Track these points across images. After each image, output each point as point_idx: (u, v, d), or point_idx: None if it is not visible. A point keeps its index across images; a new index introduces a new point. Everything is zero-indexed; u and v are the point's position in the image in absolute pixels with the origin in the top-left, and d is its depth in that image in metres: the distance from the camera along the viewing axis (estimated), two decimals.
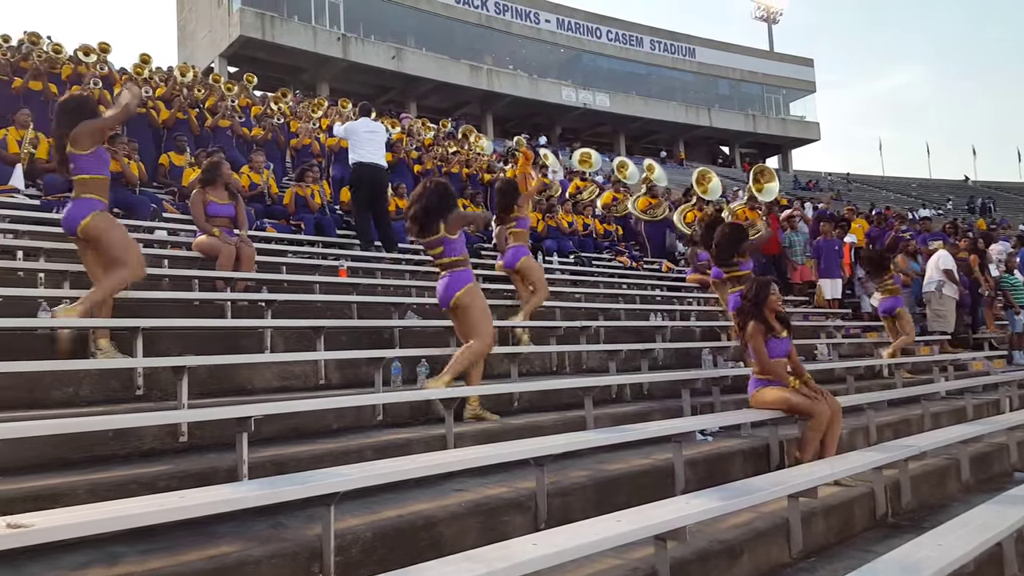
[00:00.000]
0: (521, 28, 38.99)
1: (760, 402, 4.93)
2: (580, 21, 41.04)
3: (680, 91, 44.06)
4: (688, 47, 44.88)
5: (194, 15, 35.12)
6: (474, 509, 3.29)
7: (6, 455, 3.27)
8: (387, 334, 6.04)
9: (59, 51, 11.43)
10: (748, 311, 4.98)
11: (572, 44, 40.80)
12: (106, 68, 11.41)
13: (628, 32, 42.67)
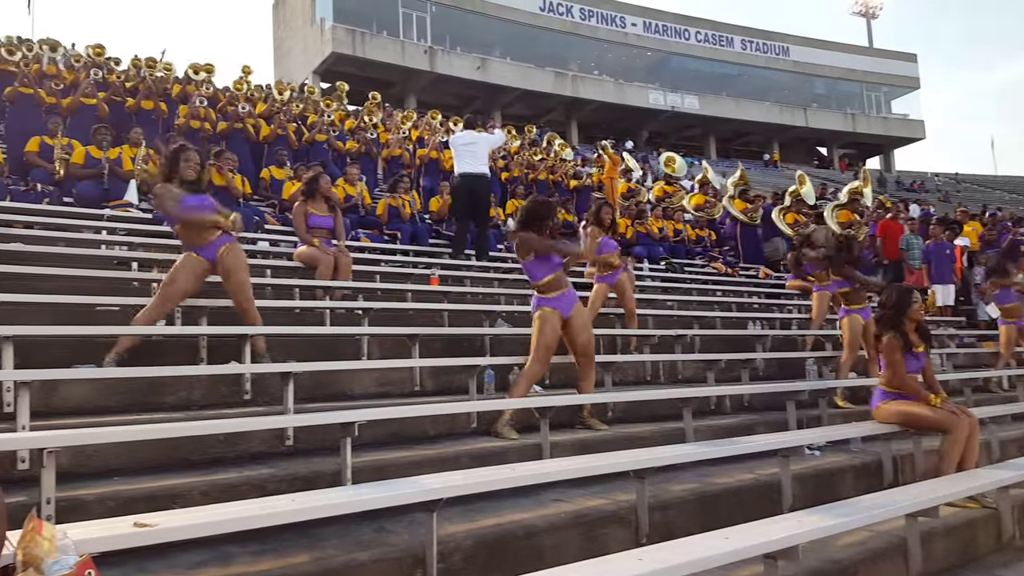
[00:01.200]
0: (607, 33, 38.73)
1: (885, 415, 4.61)
2: (667, 23, 40.44)
3: (774, 91, 42.70)
4: (782, 46, 43.48)
5: (289, 33, 36.62)
6: (574, 520, 3.24)
7: (124, 456, 3.45)
8: (478, 342, 6.08)
9: (169, 69, 12.12)
10: (887, 321, 4.67)
11: (659, 47, 40.23)
12: (211, 88, 12.03)
13: (718, 32, 41.74)
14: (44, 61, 11.30)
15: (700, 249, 12.06)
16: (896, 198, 23.54)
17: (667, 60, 40.59)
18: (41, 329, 4.28)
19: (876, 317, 4.86)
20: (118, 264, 6.68)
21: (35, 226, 7.19)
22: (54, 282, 5.56)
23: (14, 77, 9.90)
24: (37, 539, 1.43)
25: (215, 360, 4.85)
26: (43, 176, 8.36)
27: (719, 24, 42.20)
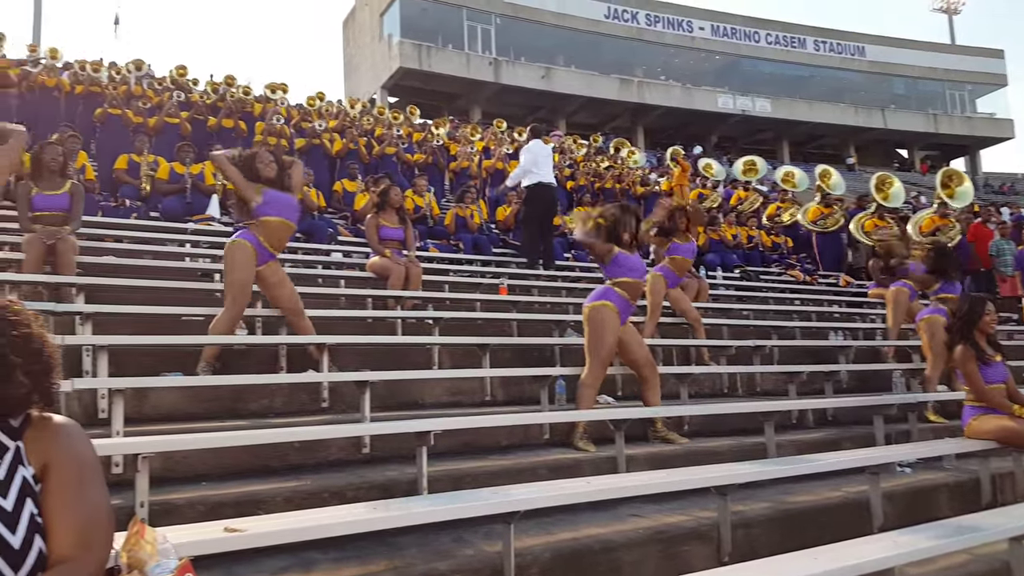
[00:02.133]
0: (673, 38, 38.23)
1: (977, 432, 4.36)
2: (736, 26, 39.64)
3: (849, 92, 41.27)
4: (857, 45, 42.00)
5: (358, 51, 37.51)
6: (653, 536, 3.17)
7: (211, 462, 3.56)
8: (548, 352, 6.05)
9: (248, 92, 12.63)
10: (957, 331, 4.46)
11: (728, 50, 39.47)
12: (287, 105, 12.47)
13: (789, 34, 40.65)
14: (131, 82, 11.88)
15: (776, 256, 11.73)
16: (984, 201, 22.39)
17: (736, 63, 39.77)
18: (132, 338, 4.46)
19: (946, 327, 4.62)
20: (201, 275, 6.93)
21: (124, 240, 7.53)
22: (142, 293, 5.82)
23: (103, 99, 10.44)
24: (141, 542, 1.47)
25: (293, 369, 4.98)
26: (131, 192, 8.75)
27: (790, 25, 41.13)
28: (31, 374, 1.40)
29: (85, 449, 1.48)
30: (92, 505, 1.41)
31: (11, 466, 1.38)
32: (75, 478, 1.42)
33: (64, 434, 1.46)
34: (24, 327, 1.42)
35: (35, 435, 1.43)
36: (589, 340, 4.64)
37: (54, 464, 1.41)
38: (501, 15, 34.43)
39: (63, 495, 1.39)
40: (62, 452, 1.43)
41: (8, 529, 1.30)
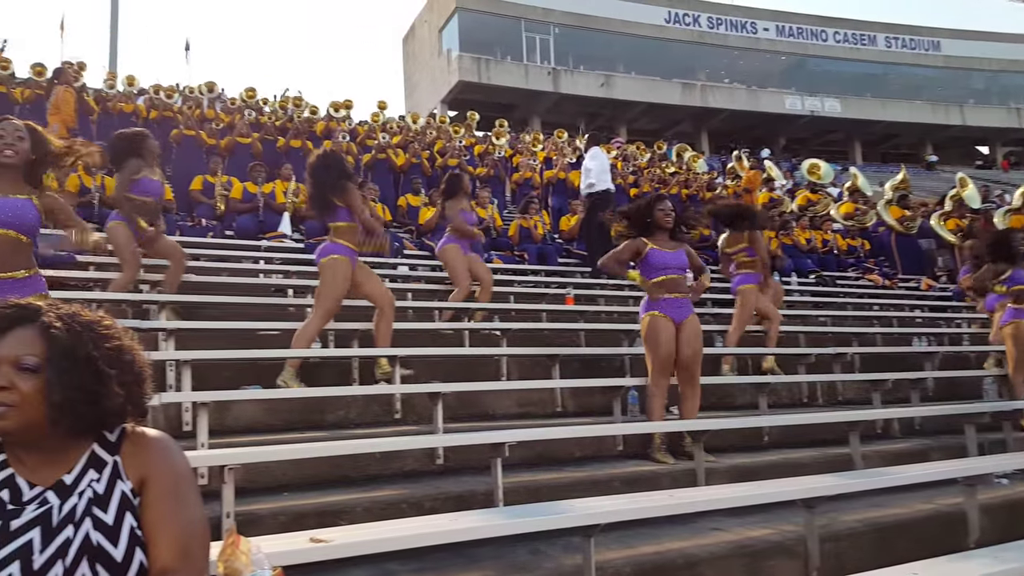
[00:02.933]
0: (737, 40, 37.56)
1: None
2: (802, 25, 38.68)
3: (925, 89, 39.69)
4: (932, 40, 40.39)
5: (418, 67, 38.14)
6: (737, 550, 3.07)
7: (291, 473, 3.63)
8: (617, 362, 5.97)
9: (315, 112, 12.98)
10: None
11: (794, 50, 38.52)
12: (351, 123, 12.76)
13: (858, 31, 39.41)
14: (204, 105, 12.35)
15: (853, 260, 11.32)
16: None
17: (803, 63, 38.76)
18: (215, 353, 4.60)
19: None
20: (275, 291, 7.12)
21: (201, 258, 7.80)
22: (219, 309, 6.00)
23: (176, 122, 10.88)
24: (236, 553, 1.48)
25: (366, 381, 5.05)
26: (206, 211, 9.07)
27: (859, 23, 39.88)
28: (124, 385, 1.42)
29: (181, 462, 1.49)
30: (190, 517, 1.42)
31: (110, 480, 1.40)
32: (173, 491, 1.43)
33: (160, 448, 1.48)
34: (116, 340, 1.44)
35: (132, 449, 1.45)
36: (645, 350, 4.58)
37: (152, 478, 1.43)
38: (559, 24, 34.48)
39: (162, 508, 1.40)
40: (159, 466, 1.44)
41: (110, 542, 1.32)
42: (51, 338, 1.36)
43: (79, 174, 8.14)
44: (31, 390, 1.32)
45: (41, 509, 1.31)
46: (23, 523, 1.29)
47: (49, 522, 1.30)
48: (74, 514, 1.32)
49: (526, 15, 33.99)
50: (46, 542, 1.28)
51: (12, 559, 1.24)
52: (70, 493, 1.35)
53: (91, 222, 7.72)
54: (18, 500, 1.32)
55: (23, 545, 1.26)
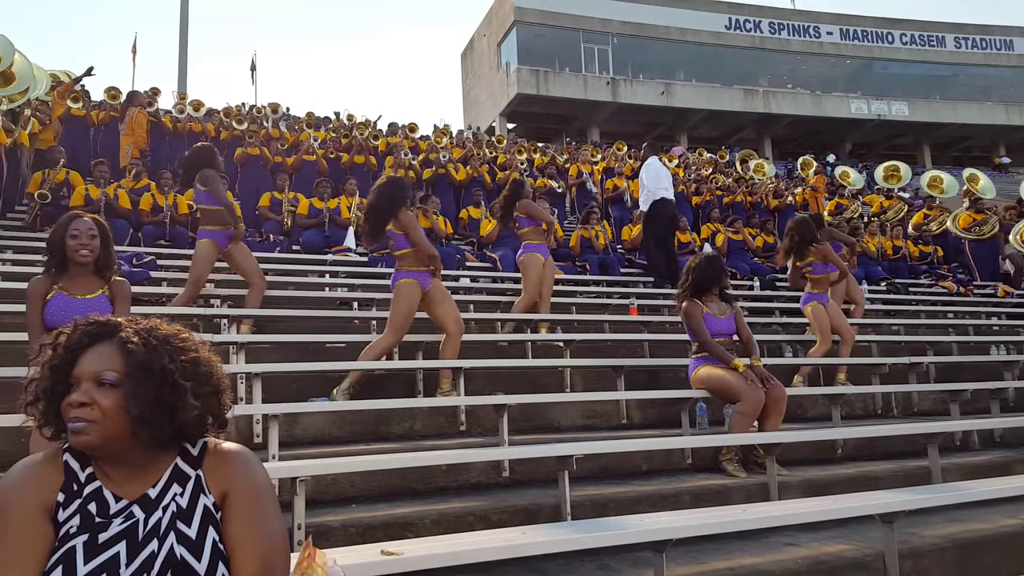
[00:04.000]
0: (800, 44, 36.77)
1: None
2: (868, 28, 37.59)
3: (997, 90, 38.04)
4: (1004, 39, 38.70)
5: (476, 81, 38.55)
6: (813, 567, 2.97)
7: (359, 485, 3.68)
8: (683, 373, 5.85)
9: (377, 137, 13.27)
10: None
11: (859, 53, 37.46)
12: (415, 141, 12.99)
13: (926, 32, 38.08)
14: (268, 124, 12.75)
15: (925, 267, 10.90)
16: None
17: (869, 66, 37.64)
18: (284, 366, 4.72)
19: None
20: (340, 304, 7.25)
21: (269, 272, 8.00)
22: (287, 323, 6.15)
23: (242, 141, 11.25)
24: (313, 566, 1.51)
25: (430, 392, 5.09)
26: (274, 227, 9.34)
27: (927, 24, 38.55)
28: (201, 397, 1.43)
29: (262, 476, 1.50)
30: (272, 531, 1.43)
31: (193, 494, 1.42)
32: (255, 505, 1.44)
33: (241, 462, 1.49)
34: (192, 352, 1.46)
35: (213, 463, 1.47)
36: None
37: (234, 492, 1.44)
38: (618, 35, 34.37)
39: (244, 522, 1.41)
40: (241, 480, 1.45)
41: (194, 557, 1.34)
42: (128, 353, 1.39)
43: (152, 193, 8.51)
44: (111, 405, 1.35)
45: (127, 523, 1.33)
46: (110, 536, 1.31)
47: (135, 536, 1.32)
48: (159, 528, 1.34)
49: (584, 26, 34.00)
50: (132, 556, 1.30)
51: (100, 572, 1.27)
52: (155, 507, 1.37)
53: (162, 240, 8.17)
54: (105, 513, 1.34)
55: (110, 558, 1.28)
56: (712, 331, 4.53)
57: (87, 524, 1.32)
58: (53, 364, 1.40)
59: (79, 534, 1.30)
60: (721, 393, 4.42)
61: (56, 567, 1.26)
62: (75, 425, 1.34)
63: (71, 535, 1.30)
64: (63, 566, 1.26)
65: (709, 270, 4.63)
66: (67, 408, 1.35)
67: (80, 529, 1.31)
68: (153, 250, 7.56)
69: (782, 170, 22.00)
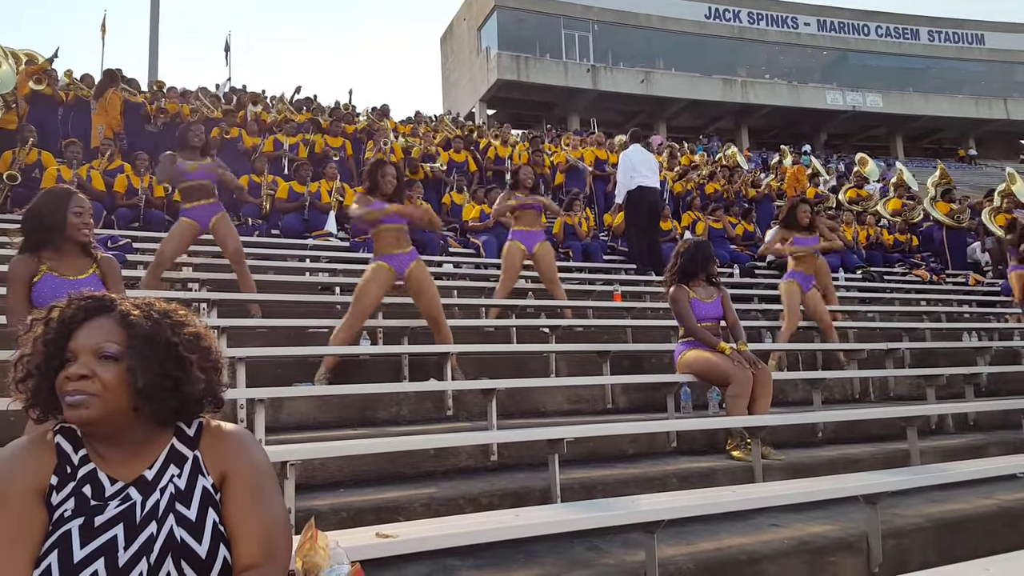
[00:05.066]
0: (778, 35, 37.02)
1: None
2: (844, 20, 37.92)
3: (968, 83, 38.66)
4: (976, 33, 39.30)
5: (456, 65, 38.30)
6: (798, 547, 3.02)
7: (347, 469, 3.66)
8: (667, 358, 5.90)
9: (353, 118, 13.09)
10: None
11: (836, 45, 37.81)
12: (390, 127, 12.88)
13: (901, 25, 38.54)
14: (248, 113, 12.55)
15: (899, 255, 11.09)
16: None
17: (845, 58, 38.04)
18: (267, 350, 4.68)
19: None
20: (322, 289, 7.20)
21: (248, 257, 7.91)
22: (267, 307, 6.09)
23: (219, 124, 11.03)
24: (316, 547, 1.49)
25: (416, 377, 5.07)
26: (252, 211, 9.21)
27: (901, 16, 39.00)
28: (204, 371, 1.42)
29: (260, 457, 1.48)
30: (272, 513, 1.41)
31: (191, 475, 1.39)
32: (254, 486, 1.41)
33: (239, 442, 1.47)
34: (191, 326, 1.44)
35: (211, 443, 1.44)
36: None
37: (232, 473, 1.41)
38: (599, 22, 34.32)
39: (244, 503, 1.39)
40: (240, 461, 1.43)
41: (194, 539, 1.31)
42: (130, 325, 1.36)
43: (127, 175, 8.35)
44: (113, 378, 1.31)
45: (124, 505, 1.30)
46: (107, 519, 1.28)
47: (133, 518, 1.29)
48: (157, 510, 1.31)
49: (565, 12, 33.89)
50: (130, 539, 1.27)
51: (97, 556, 1.24)
52: (152, 489, 1.34)
53: (136, 223, 8.03)
54: (100, 496, 1.31)
55: (108, 541, 1.25)
56: (699, 315, 4.57)
57: (82, 507, 1.28)
58: (47, 339, 1.35)
59: (74, 517, 1.27)
60: (708, 376, 4.47)
61: (51, 551, 1.23)
62: (73, 399, 1.30)
63: (66, 519, 1.27)
64: (59, 550, 1.23)
65: (697, 255, 4.66)
66: (64, 382, 1.31)
67: (75, 512, 1.27)
68: (128, 232, 7.44)
69: (758, 160, 22.19)
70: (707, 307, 4.64)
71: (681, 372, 4.59)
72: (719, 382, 4.43)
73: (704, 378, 4.52)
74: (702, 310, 4.61)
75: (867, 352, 6.00)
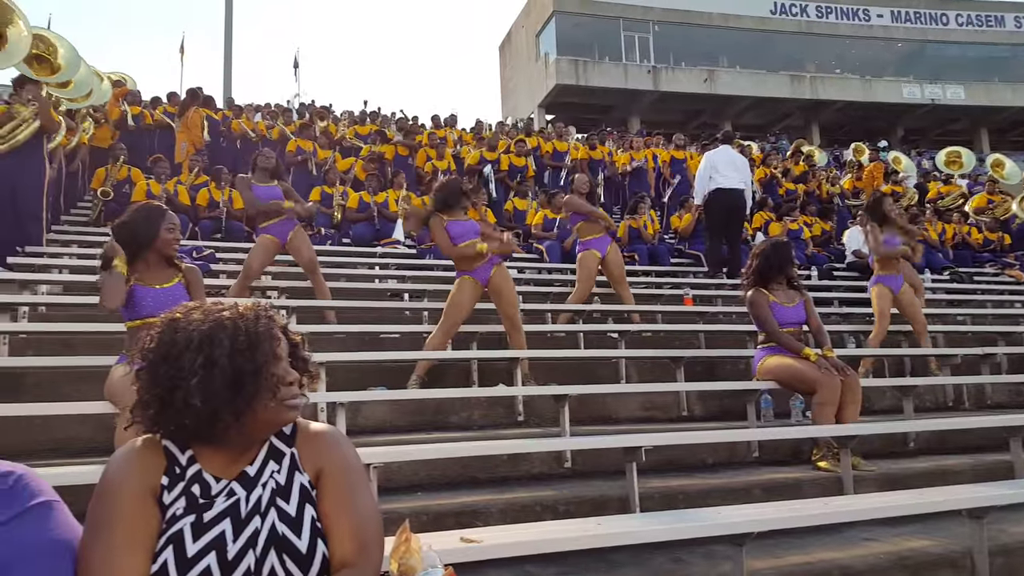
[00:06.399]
0: (849, 28, 35.70)
1: None
2: (920, 10, 36.31)
3: None
4: None
5: (515, 72, 38.36)
6: (896, 563, 2.87)
7: (423, 473, 3.68)
8: (742, 364, 5.74)
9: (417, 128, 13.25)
10: None
11: (912, 36, 36.23)
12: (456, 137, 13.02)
13: (984, 13, 36.66)
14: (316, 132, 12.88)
15: (989, 255, 10.51)
16: None
17: (922, 49, 36.42)
18: (346, 355, 4.74)
19: None
20: (391, 295, 7.29)
21: (321, 265, 8.08)
22: (340, 314, 6.19)
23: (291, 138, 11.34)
24: (411, 550, 1.48)
25: (485, 383, 5.07)
26: (324, 221, 9.41)
27: (984, 3, 37.11)
28: (298, 360, 1.47)
29: (353, 455, 1.51)
30: (365, 510, 1.44)
31: (290, 472, 1.43)
32: (348, 484, 1.44)
33: (333, 440, 1.50)
34: (282, 322, 1.48)
35: (306, 442, 1.47)
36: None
37: (327, 470, 1.44)
38: (659, 22, 33.86)
39: (338, 500, 1.42)
40: (334, 458, 1.46)
41: (294, 533, 1.34)
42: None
43: (209, 189, 8.66)
44: None
45: (229, 501, 1.35)
46: (215, 515, 1.33)
47: (238, 513, 1.34)
48: (260, 504, 1.36)
49: (624, 15, 33.55)
50: (237, 532, 1.31)
51: (208, 550, 1.28)
52: (254, 484, 1.38)
53: (218, 233, 8.31)
54: (207, 494, 1.36)
55: (217, 536, 1.30)
56: (780, 320, 4.39)
57: (192, 505, 1.33)
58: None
59: (186, 515, 1.32)
60: (792, 384, 4.29)
61: (166, 547, 1.28)
62: (297, 401, 1.42)
63: (178, 516, 1.31)
64: (173, 546, 1.28)
65: (774, 256, 4.49)
66: (289, 387, 1.40)
67: (186, 510, 1.32)
68: (211, 244, 7.70)
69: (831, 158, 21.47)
70: (789, 311, 4.46)
71: (762, 379, 4.42)
72: (804, 390, 4.25)
73: (787, 385, 4.34)
74: (784, 315, 4.44)
75: (960, 358, 5.68)
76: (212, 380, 1.31)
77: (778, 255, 4.52)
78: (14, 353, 4.57)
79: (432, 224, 5.19)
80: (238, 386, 1.32)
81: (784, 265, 4.51)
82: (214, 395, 1.31)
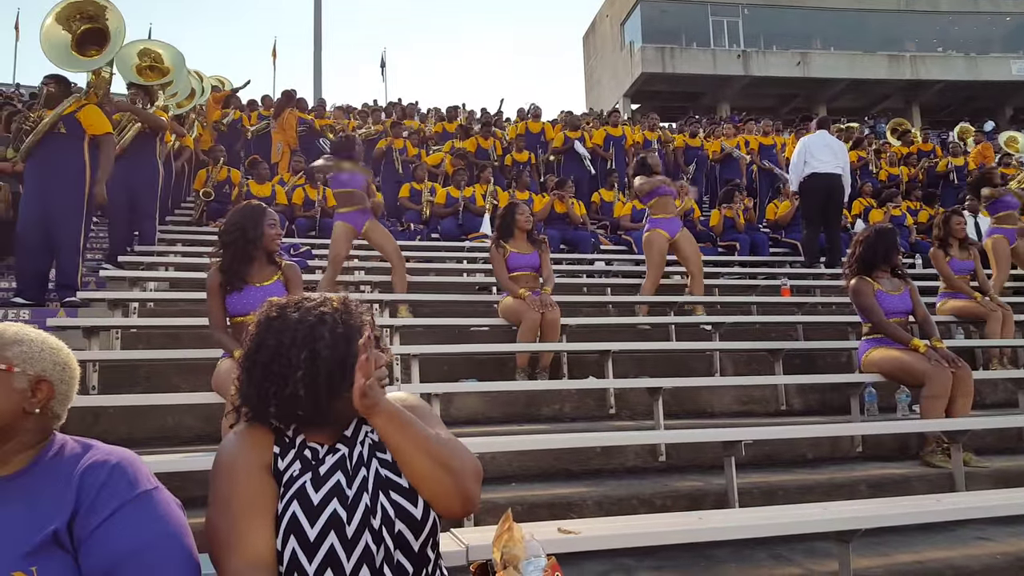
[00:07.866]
0: (951, 4, 33.68)
1: None
2: None
3: None
4: None
5: (599, 63, 37.99)
6: (1015, 563, 2.72)
7: (516, 464, 3.72)
8: (843, 357, 5.53)
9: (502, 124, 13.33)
10: None
11: (1021, 9, 33.88)
12: None
13: None
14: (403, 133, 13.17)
15: None
16: None
17: None
18: (436, 347, 4.84)
19: None
20: (479, 289, 7.38)
21: (410, 260, 8.27)
22: (432, 306, 6.32)
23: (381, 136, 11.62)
24: (514, 539, 1.52)
25: (575, 376, 5.07)
26: (413, 217, 9.63)
27: None
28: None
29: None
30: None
31: None
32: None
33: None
34: (368, 315, 1.62)
35: None
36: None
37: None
38: (749, 5, 32.82)
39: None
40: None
41: (411, 503, 1.48)
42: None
43: (304, 188, 8.99)
44: None
45: (337, 455, 1.52)
46: (328, 468, 1.49)
47: (346, 465, 1.50)
48: (363, 457, 1.52)
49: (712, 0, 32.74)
50: (349, 481, 1.48)
51: (330, 498, 1.44)
52: (354, 442, 1.55)
53: (312, 231, 8.62)
54: (316, 456, 1.51)
55: (335, 486, 1.46)
56: (886, 310, 4.21)
57: (306, 465, 1.49)
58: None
59: (303, 473, 1.47)
60: (900, 376, 4.11)
61: (291, 502, 1.43)
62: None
63: (296, 476, 1.47)
64: (297, 500, 1.43)
65: (879, 243, 4.31)
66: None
67: (303, 470, 1.48)
68: (307, 240, 8.00)
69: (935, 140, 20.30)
70: (895, 300, 4.27)
71: (866, 371, 4.25)
72: (912, 382, 4.06)
73: (894, 378, 4.16)
74: (889, 304, 4.25)
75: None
76: (316, 371, 1.47)
77: (883, 242, 4.33)
78: (126, 347, 4.87)
79: (492, 255, 5.40)
80: (340, 374, 1.48)
81: (889, 253, 4.33)
82: (318, 385, 1.47)
